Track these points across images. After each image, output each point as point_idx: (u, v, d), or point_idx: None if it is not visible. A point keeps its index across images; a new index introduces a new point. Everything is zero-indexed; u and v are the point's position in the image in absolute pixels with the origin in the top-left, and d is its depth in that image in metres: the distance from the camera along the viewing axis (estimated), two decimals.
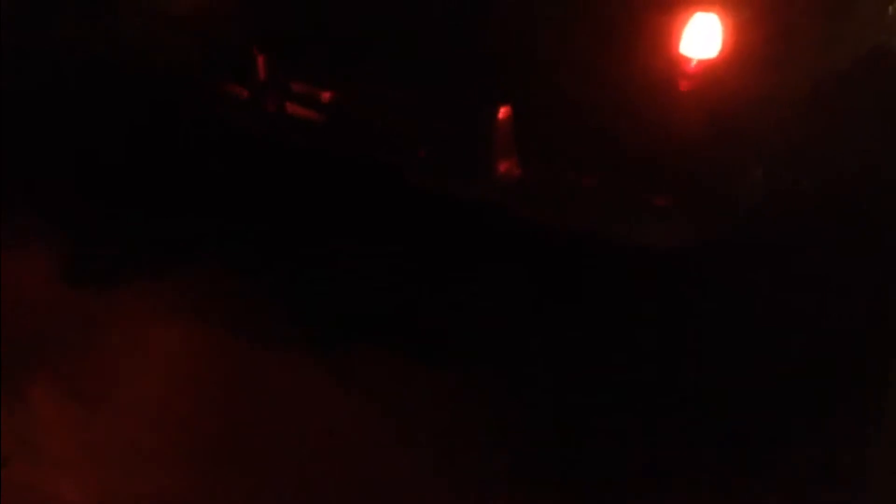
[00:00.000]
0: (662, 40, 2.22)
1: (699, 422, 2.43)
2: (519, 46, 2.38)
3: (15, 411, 2.38)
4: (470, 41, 2.44)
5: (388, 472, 2.29)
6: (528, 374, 2.55)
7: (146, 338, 2.70)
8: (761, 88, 2.28)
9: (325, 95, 2.79)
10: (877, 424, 2.48)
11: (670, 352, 2.55)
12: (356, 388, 2.54)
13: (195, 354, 2.66)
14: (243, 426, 2.43)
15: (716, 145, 2.33)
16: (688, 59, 2.21)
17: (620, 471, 2.32)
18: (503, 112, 2.41)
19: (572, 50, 2.31)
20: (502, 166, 2.46)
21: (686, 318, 2.57)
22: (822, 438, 2.40)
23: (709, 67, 2.21)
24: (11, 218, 3.10)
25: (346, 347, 2.66)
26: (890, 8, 2.68)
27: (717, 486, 2.29)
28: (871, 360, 2.59)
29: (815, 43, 2.35)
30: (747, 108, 2.30)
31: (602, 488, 2.28)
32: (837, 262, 2.54)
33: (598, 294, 2.63)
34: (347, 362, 2.61)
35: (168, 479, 2.24)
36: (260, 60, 2.87)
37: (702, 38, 2.18)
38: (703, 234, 2.44)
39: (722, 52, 2.20)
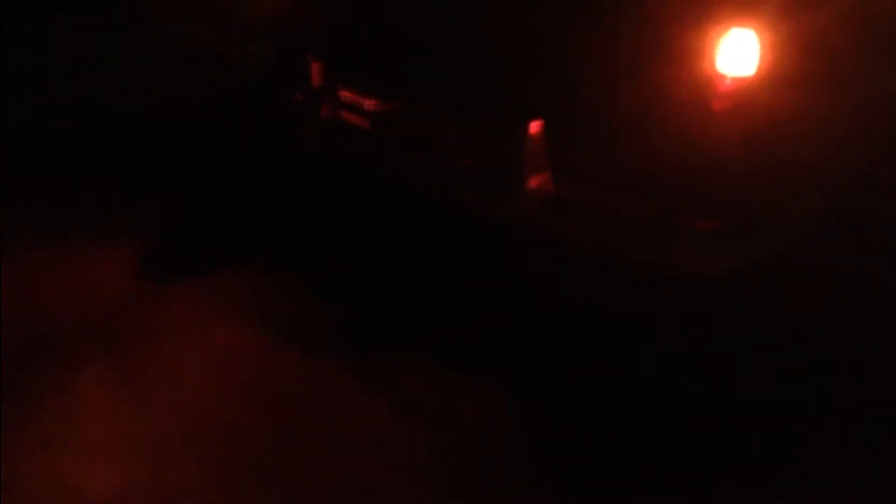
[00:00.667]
0: (699, 57, 2.12)
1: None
2: (555, 64, 2.34)
3: (61, 398, 2.53)
4: (507, 59, 2.42)
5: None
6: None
7: (198, 338, 2.80)
8: (807, 109, 2.15)
9: (373, 105, 2.82)
10: None
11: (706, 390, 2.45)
12: (391, 397, 2.57)
13: (241, 358, 2.74)
14: (278, 433, 2.46)
15: (758, 167, 2.22)
16: (724, 77, 2.10)
17: None
18: (536, 128, 2.36)
19: (608, 68, 2.25)
20: (534, 182, 2.41)
21: (723, 350, 2.46)
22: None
23: (747, 85, 2.10)
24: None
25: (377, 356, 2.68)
26: None
27: None
28: None
29: (860, 61, 2.19)
30: (793, 130, 2.18)
31: None
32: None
33: (635, 321, 2.55)
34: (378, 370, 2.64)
35: (196, 478, 2.30)
36: (315, 67, 2.93)
37: (738, 55, 2.07)
38: (749, 262, 2.32)
39: (760, 69, 2.08)
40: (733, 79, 2.09)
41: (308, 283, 3.01)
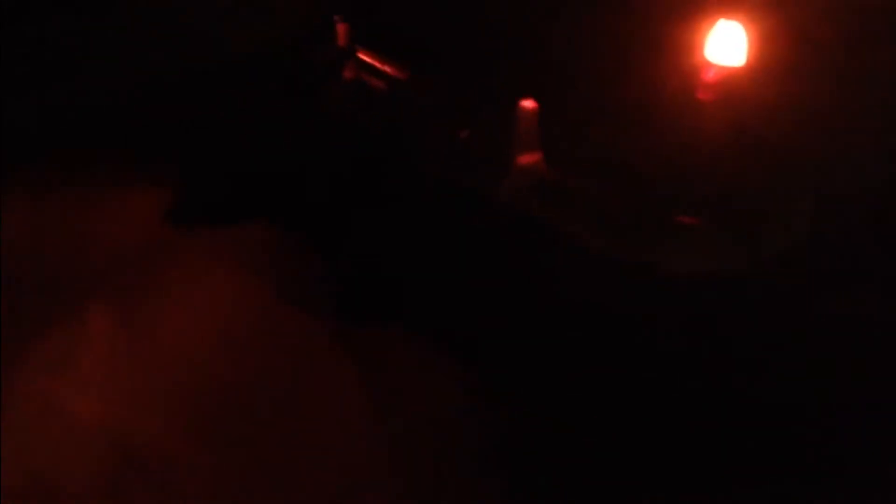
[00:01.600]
0: (688, 48, 2.05)
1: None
2: (550, 50, 2.32)
3: (65, 330, 2.69)
4: (510, 39, 2.42)
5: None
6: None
7: (203, 287, 2.90)
8: (798, 102, 2.05)
9: (390, 69, 2.84)
10: None
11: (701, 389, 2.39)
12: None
13: (241, 311, 2.81)
14: (259, 393, 2.49)
15: (750, 163, 2.14)
16: (712, 66, 2.02)
17: None
18: (529, 105, 2.33)
19: (597, 55, 2.20)
20: (526, 160, 2.39)
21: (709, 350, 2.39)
22: None
23: (735, 75, 2.02)
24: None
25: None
26: None
27: None
28: None
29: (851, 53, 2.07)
30: (785, 124, 2.09)
31: None
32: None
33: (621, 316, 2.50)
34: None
35: (167, 424, 2.39)
36: (341, 29, 2.96)
37: (726, 46, 1.99)
38: (738, 261, 2.25)
39: (749, 60, 1.99)
40: (721, 68, 2.01)
41: (317, 245, 3.07)
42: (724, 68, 2.01)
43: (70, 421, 2.41)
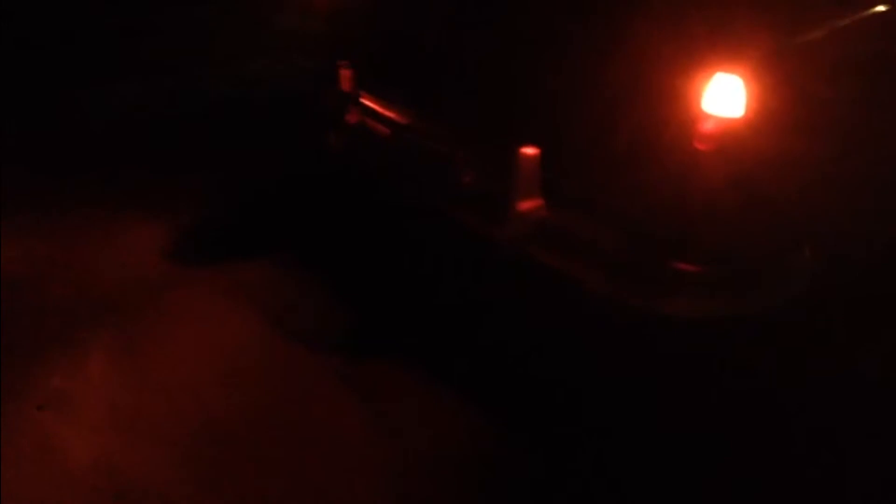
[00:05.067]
0: (687, 99, 2.10)
1: None
2: (554, 98, 2.37)
3: (62, 365, 2.70)
4: (511, 86, 2.48)
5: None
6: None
7: (207, 322, 2.93)
8: (799, 157, 2.10)
9: (393, 115, 2.89)
10: None
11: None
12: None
13: (245, 347, 2.84)
14: (257, 429, 2.52)
15: (748, 213, 2.18)
16: (710, 118, 2.07)
17: None
18: (530, 152, 2.38)
19: (600, 106, 2.26)
20: (526, 206, 2.43)
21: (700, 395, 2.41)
22: None
23: (733, 128, 2.07)
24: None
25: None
26: None
27: None
28: None
29: (851, 110, 2.12)
30: (785, 178, 2.13)
31: None
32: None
33: (617, 358, 2.53)
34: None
35: (164, 458, 2.41)
36: (345, 75, 3.02)
37: (725, 98, 2.04)
38: (733, 310, 2.27)
39: (747, 113, 2.04)
40: (719, 120, 2.06)
41: (323, 282, 3.11)
42: (722, 120, 2.06)
43: (67, 456, 2.41)
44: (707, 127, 2.07)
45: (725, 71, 2.02)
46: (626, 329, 2.40)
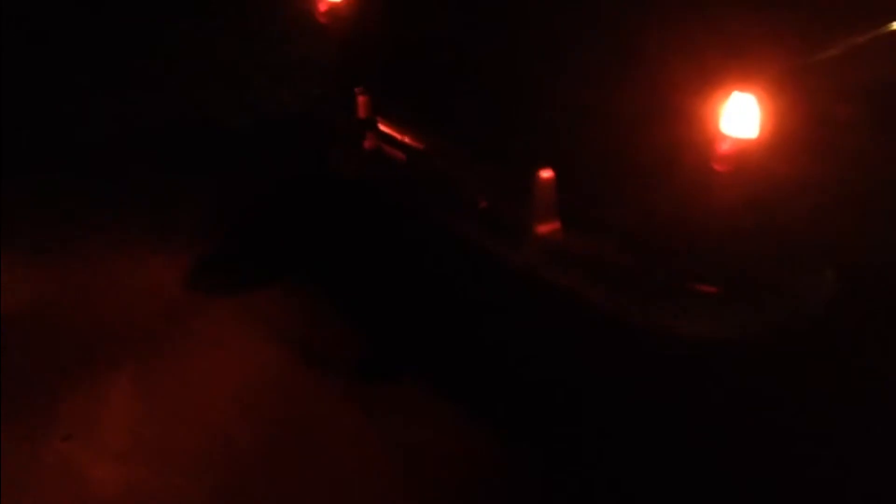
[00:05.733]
0: (703, 119, 2.09)
1: None
2: (569, 119, 2.38)
3: (88, 395, 2.71)
4: (527, 109, 2.50)
5: None
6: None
7: (223, 352, 2.94)
8: (817, 178, 2.09)
9: (409, 140, 2.90)
10: None
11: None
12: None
13: (259, 376, 2.85)
14: (274, 457, 2.53)
15: (764, 234, 2.16)
16: (726, 138, 2.06)
17: None
18: (546, 175, 2.38)
19: (614, 126, 2.25)
20: (543, 229, 2.42)
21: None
22: None
23: (749, 148, 2.06)
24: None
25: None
26: None
27: None
28: None
29: (869, 133, 2.11)
30: (804, 199, 2.12)
31: None
32: None
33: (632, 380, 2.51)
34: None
35: (187, 488, 2.42)
36: (361, 101, 3.03)
37: (740, 118, 2.03)
38: (749, 331, 2.26)
39: (763, 133, 2.03)
40: (735, 140, 2.05)
41: (338, 306, 3.12)
42: (738, 140, 2.05)
43: (92, 485, 2.42)
44: (724, 147, 2.07)
45: (742, 90, 2.01)
46: (644, 351, 2.39)
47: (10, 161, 4.16)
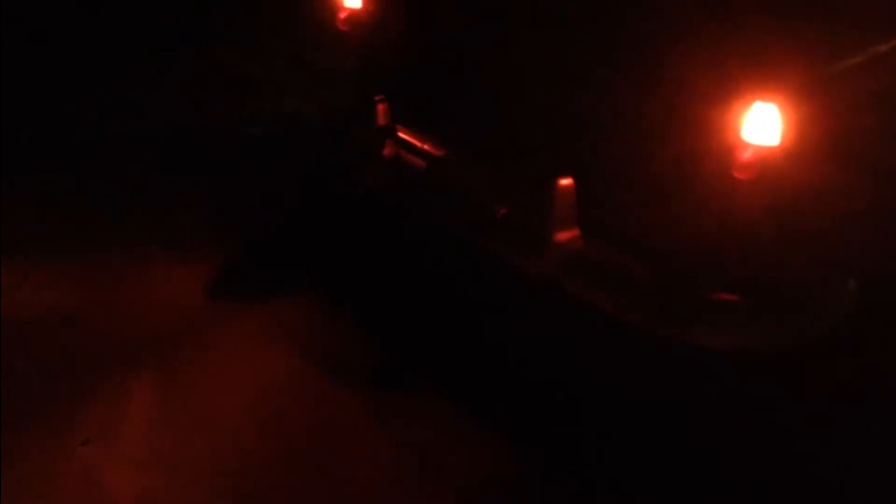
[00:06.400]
0: (725, 127, 2.08)
1: None
2: (590, 128, 2.37)
3: (108, 402, 2.72)
4: (547, 118, 2.49)
5: None
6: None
7: (243, 360, 2.94)
8: (842, 188, 2.07)
9: (428, 147, 2.90)
10: None
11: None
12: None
13: (278, 385, 2.85)
14: (290, 469, 2.52)
15: (787, 243, 2.15)
16: (748, 146, 2.05)
17: None
18: (566, 183, 2.37)
19: (634, 135, 2.25)
20: (562, 237, 2.41)
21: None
22: None
23: (772, 156, 2.04)
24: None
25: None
26: None
27: None
28: None
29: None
30: (828, 208, 2.11)
31: None
32: None
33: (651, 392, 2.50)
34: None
35: (203, 497, 2.41)
36: (380, 109, 3.04)
37: (762, 127, 2.02)
38: (771, 342, 2.24)
39: (785, 141, 2.02)
40: (757, 149, 2.04)
41: (357, 316, 3.12)
42: (760, 149, 2.04)
43: (106, 491, 2.43)
44: (746, 156, 2.05)
45: (764, 99, 2.00)
46: (663, 361, 2.38)
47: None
